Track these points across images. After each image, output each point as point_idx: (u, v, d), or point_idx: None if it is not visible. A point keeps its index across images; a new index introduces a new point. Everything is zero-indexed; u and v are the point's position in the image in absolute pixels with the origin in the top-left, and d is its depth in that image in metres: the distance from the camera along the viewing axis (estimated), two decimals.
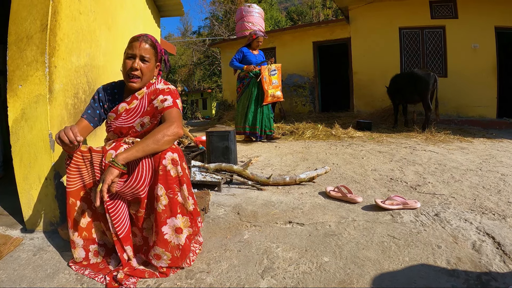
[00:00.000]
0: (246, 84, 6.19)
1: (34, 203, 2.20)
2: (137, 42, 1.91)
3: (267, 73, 6.02)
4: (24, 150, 2.16)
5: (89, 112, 2.00)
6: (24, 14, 2.17)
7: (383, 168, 3.77)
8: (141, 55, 1.91)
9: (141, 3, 3.92)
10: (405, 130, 7.14)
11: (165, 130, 1.74)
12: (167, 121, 1.83)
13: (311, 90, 11.31)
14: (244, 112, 6.16)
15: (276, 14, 32.54)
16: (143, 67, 1.93)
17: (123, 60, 1.96)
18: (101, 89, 2.07)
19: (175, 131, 1.77)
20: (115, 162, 1.61)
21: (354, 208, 2.53)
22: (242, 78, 6.28)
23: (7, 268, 1.81)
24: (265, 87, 5.95)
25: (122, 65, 1.98)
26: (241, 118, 6.25)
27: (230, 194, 3.02)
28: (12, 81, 2.15)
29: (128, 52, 1.92)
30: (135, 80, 1.94)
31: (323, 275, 1.64)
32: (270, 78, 6.07)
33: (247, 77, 6.15)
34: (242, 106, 6.23)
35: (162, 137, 1.71)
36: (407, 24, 9.05)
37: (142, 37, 1.94)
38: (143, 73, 1.94)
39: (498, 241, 1.87)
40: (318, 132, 6.89)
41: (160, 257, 1.70)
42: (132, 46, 1.92)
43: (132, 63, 1.91)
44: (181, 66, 36.51)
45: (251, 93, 6.09)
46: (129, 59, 1.92)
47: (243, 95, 6.21)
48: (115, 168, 1.60)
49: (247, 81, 6.17)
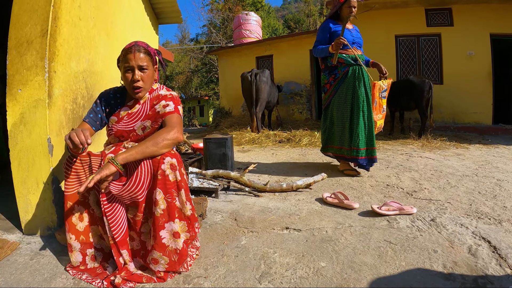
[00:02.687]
0: (340, 77, 3.78)
1: (32, 207, 2.20)
2: (131, 54, 1.90)
3: (378, 94, 3.91)
4: (22, 155, 2.17)
5: (91, 116, 2.00)
6: (24, 19, 2.18)
7: (380, 174, 3.79)
8: (138, 65, 1.91)
9: (139, 10, 3.94)
10: (401, 137, 7.19)
11: (165, 134, 1.76)
12: (168, 126, 1.85)
13: (308, 97, 11.37)
14: (346, 124, 3.73)
15: (274, 22, 32.79)
16: (143, 76, 1.94)
17: (121, 73, 1.97)
18: (104, 94, 2.08)
19: (176, 136, 1.79)
20: (114, 160, 1.63)
21: (350, 214, 2.54)
22: (333, 68, 3.82)
23: (4, 272, 1.80)
24: (375, 116, 3.82)
25: (122, 77, 1.99)
26: (341, 134, 3.82)
27: (227, 200, 3.03)
28: (11, 85, 2.16)
29: (125, 66, 1.92)
30: (139, 90, 1.96)
31: (320, 280, 1.64)
32: (380, 101, 3.95)
33: (343, 65, 3.74)
34: (340, 114, 3.80)
35: (161, 141, 1.73)
36: (403, 32, 9.12)
37: (134, 47, 1.92)
38: (145, 81, 1.96)
39: (494, 245, 1.88)
40: (315, 139, 6.90)
41: (158, 262, 1.70)
42: (128, 58, 1.90)
43: (132, 76, 1.92)
44: (179, 73, 36.60)
45: (354, 91, 3.70)
46: (128, 72, 1.93)
47: (338, 97, 3.80)
48: (113, 165, 1.62)
49: (343, 72, 3.75)
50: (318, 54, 3.84)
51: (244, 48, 12.98)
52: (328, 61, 3.83)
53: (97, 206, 1.82)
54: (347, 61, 3.70)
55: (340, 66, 3.75)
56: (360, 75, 3.70)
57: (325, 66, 3.93)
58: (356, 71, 3.71)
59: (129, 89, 1.97)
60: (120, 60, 1.97)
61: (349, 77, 3.71)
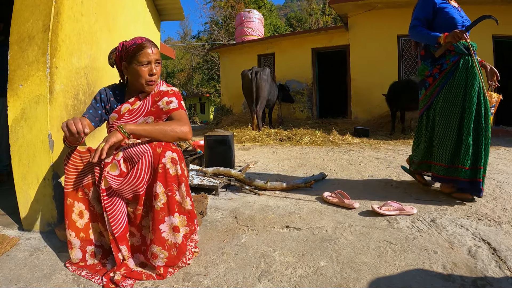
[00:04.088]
0: (449, 70, 2.85)
1: (32, 203, 2.20)
2: (148, 48, 1.91)
3: None
4: (23, 150, 2.17)
5: (90, 111, 1.99)
6: (26, 14, 2.18)
7: (380, 174, 3.79)
8: (156, 59, 1.95)
9: (142, 6, 3.93)
10: (402, 137, 7.18)
11: (177, 127, 1.82)
12: (180, 120, 1.90)
13: (309, 96, 11.36)
14: (452, 129, 2.78)
15: (276, 20, 32.76)
16: (158, 71, 1.98)
17: (133, 67, 1.94)
18: (103, 90, 2.07)
19: (186, 132, 1.85)
20: (122, 128, 1.67)
21: (351, 213, 2.53)
22: (437, 58, 2.92)
23: (3, 267, 1.80)
24: None
25: (130, 72, 1.97)
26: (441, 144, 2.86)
27: (227, 198, 3.03)
28: (12, 81, 2.16)
29: (141, 60, 1.91)
30: (153, 83, 1.98)
31: (319, 279, 1.64)
32: None
33: (453, 53, 2.83)
34: (443, 116, 2.85)
35: (170, 131, 1.79)
36: (405, 32, 9.00)
37: (149, 42, 1.94)
38: (158, 76, 2.00)
39: (494, 247, 1.88)
40: (315, 138, 6.91)
41: (157, 256, 1.70)
42: (146, 53, 1.90)
43: (150, 69, 1.93)
44: (180, 70, 36.61)
45: (467, 91, 2.74)
46: (146, 66, 1.93)
47: (444, 96, 2.87)
48: (120, 133, 1.66)
49: (452, 62, 2.83)
50: (419, 38, 2.97)
51: (246, 46, 12.97)
52: (431, 48, 2.95)
53: (97, 202, 1.82)
54: (459, 48, 2.79)
55: (449, 55, 2.85)
56: (474, 70, 2.74)
57: (425, 52, 3.04)
58: (469, 64, 2.77)
59: (141, 84, 1.96)
60: (131, 56, 1.93)
61: (460, 69, 2.79)
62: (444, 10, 2.86)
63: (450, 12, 2.85)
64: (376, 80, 9.19)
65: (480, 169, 2.67)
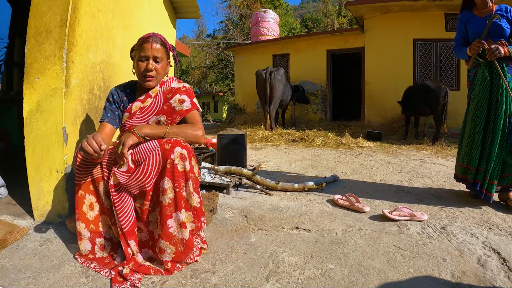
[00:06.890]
0: (472, 81, 3.01)
1: (44, 194, 2.23)
2: (148, 43, 1.92)
3: None
4: (37, 142, 2.19)
5: (109, 115, 2.00)
6: (44, 9, 2.21)
7: (392, 179, 3.75)
8: (154, 55, 1.94)
9: (158, 4, 3.96)
10: (415, 142, 7.11)
11: (190, 131, 1.89)
12: (194, 125, 1.94)
13: (322, 98, 11.32)
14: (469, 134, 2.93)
15: (291, 21, 32.63)
16: (157, 67, 1.96)
17: (134, 61, 1.99)
18: (114, 91, 2.07)
19: (199, 135, 1.92)
20: (137, 132, 1.75)
21: (361, 217, 2.51)
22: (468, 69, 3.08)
23: (13, 256, 1.83)
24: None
25: (134, 67, 2.00)
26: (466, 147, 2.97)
27: (238, 197, 3.03)
28: (29, 74, 2.19)
29: (140, 55, 1.93)
30: (151, 79, 1.97)
31: (327, 281, 1.63)
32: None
33: (474, 65, 2.97)
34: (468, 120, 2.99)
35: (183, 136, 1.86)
36: (421, 35, 9.02)
37: (152, 37, 1.95)
38: (158, 73, 1.98)
39: (504, 257, 1.84)
40: (328, 140, 6.88)
41: (165, 251, 1.71)
42: (144, 48, 1.92)
43: (146, 64, 1.93)
44: (194, 68, 36.73)
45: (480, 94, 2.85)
46: (142, 61, 1.94)
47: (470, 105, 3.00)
48: (136, 136, 1.74)
49: (472, 74, 3.01)
50: (459, 56, 3.13)
51: (261, 46, 12.96)
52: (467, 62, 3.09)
53: (106, 197, 1.83)
54: (476, 60, 2.90)
55: (472, 67, 2.99)
56: (486, 74, 2.82)
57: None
58: (480, 70, 2.87)
59: (140, 78, 1.98)
60: (135, 49, 1.98)
61: (476, 80, 2.90)
62: (469, 23, 2.98)
63: (471, 24, 2.96)
64: (391, 84, 9.11)
65: (482, 171, 2.78)
